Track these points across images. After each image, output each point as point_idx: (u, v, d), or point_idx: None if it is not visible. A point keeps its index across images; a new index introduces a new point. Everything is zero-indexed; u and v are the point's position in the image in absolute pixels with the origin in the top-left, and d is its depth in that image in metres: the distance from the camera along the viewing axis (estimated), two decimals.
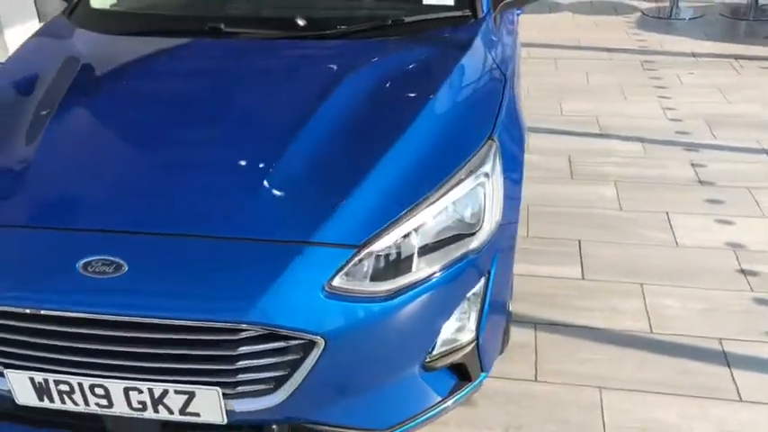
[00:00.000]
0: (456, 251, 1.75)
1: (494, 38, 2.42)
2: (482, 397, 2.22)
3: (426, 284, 1.69)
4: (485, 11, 2.47)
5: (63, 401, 1.67)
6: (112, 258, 1.59)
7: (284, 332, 1.55)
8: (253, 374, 1.60)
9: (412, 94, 2.03)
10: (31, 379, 1.66)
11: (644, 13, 6.74)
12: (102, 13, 2.64)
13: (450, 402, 1.86)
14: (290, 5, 2.56)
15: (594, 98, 4.67)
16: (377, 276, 1.65)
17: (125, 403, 1.65)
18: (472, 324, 1.84)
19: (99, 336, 1.58)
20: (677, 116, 4.34)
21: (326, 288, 1.59)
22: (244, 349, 1.56)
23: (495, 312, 1.93)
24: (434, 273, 1.70)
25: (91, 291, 1.57)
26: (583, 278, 2.82)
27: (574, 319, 2.58)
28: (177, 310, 1.54)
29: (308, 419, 1.71)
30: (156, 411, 1.65)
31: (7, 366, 1.67)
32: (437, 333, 1.77)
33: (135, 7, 2.80)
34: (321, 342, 1.57)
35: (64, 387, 1.65)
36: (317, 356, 1.58)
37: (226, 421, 1.65)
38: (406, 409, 1.80)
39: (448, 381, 1.88)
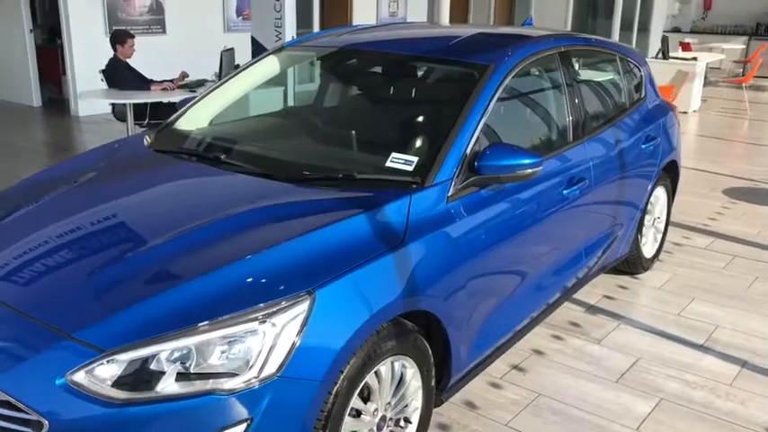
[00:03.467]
0: (208, 385, 1.85)
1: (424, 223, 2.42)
2: None
3: (165, 404, 1.82)
4: (437, 182, 2.51)
5: None
6: None
7: (18, 404, 1.82)
8: None
9: (262, 237, 2.20)
10: None
11: None
12: (169, 132, 3.27)
13: None
14: (278, 147, 2.91)
15: (735, 307, 4.02)
16: (120, 383, 1.84)
17: None
18: None
19: None
20: None
21: (67, 379, 1.83)
22: None
23: None
24: (177, 397, 1.83)
25: None
26: None
27: None
28: None
29: None
30: None
31: None
32: None
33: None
34: (46, 424, 1.80)
35: None
36: None
37: None
38: None
39: None
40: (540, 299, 3.19)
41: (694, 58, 10.96)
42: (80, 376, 1.84)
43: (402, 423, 2.43)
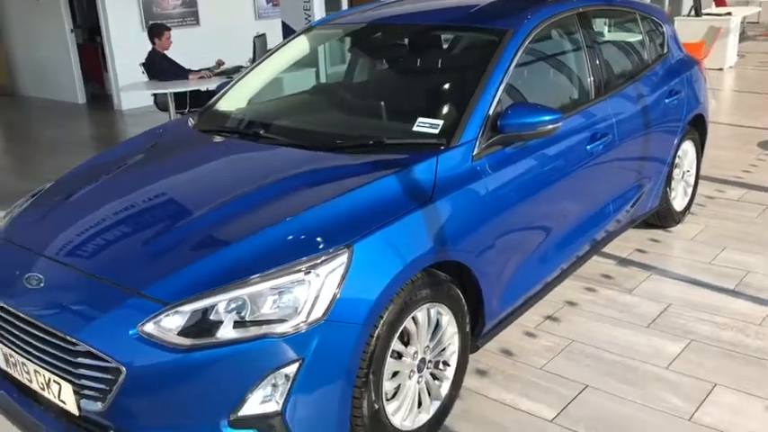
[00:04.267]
0: (262, 330, 2.07)
1: (457, 178, 2.60)
2: None
3: (224, 349, 2.05)
4: (462, 142, 2.68)
5: (14, 371, 2.42)
6: (40, 276, 2.32)
7: (98, 353, 2.07)
8: (88, 381, 2.14)
9: (303, 200, 2.40)
10: (1, 349, 2.45)
11: None
12: (212, 113, 3.50)
13: None
14: (312, 120, 3.12)
15: (767, 253, 4.10)
16: (185, 332, 2.07)
17: (36, 382, 2.33)
18: (279, 398, 2.10)
19: (22, 327, 2.30)
20: None
21: (139, 329, 2.07)
22: (81, 359, 2.13)
23: (314, 395, 2.14)
24: (235, 341, 2.06)
25: (23, 295, 2.31)
26: (552, 421, 2.70)
27: None
28: (51, 318, 2.19)
29: None
30: (48, 393, 2.29)
31: None
32: (240, 396, 2.08)
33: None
34: (124, 370, 2.05)
35: (12, 360, 2.40)
36: (122, 381, 2.06)
37: (78, 414, 2.21)
38: None
39: None
40: (569, 251, 3.34)
41: (728, 14, 10.79)
42: (150, 327, 2.07)
43: (441, 366, 2.63)
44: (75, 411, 2.21)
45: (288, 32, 7.55)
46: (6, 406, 2.47)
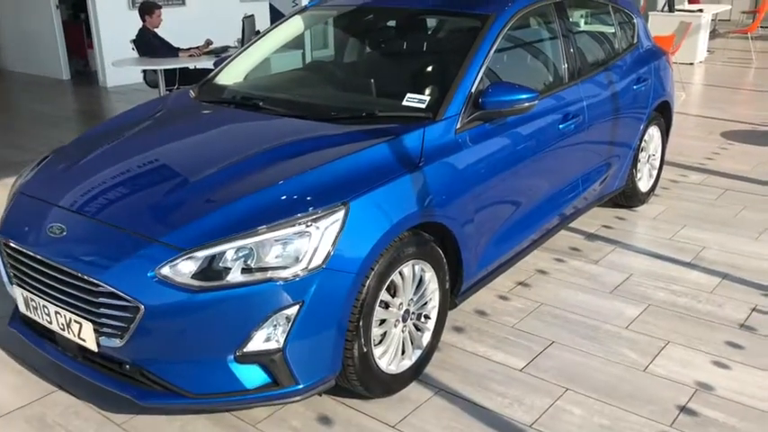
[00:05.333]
0: (266, 275, 2.32)
1: (441, 147, 2.88)
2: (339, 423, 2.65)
3: (232, 290, 2.30)
4: (446, 116, 2.95)
5: (34, 314, 2.65)
6: (62, 225, 2.55)
7: (119, 293, 2.31)
8: (107, 320, 2.38)
9: (304, 162, 2.66)
10: (22, 294, 2.67)
11: None
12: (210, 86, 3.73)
13: (253, 395, 2.40)
14: (308, 94, 3.37)
15: (722, 231, 4.45)
16: (198, 275, 2.32)
17: (56, 323, 2.56)
18: (280, 337, 2.36)
19: (45, 272, 2.53)
20: None
21: (156, 272, 2.31)
22: (102, 299, 2.36)
23: (311, 335, 2.40)
24: (242, 284, 2.31)
25: (48, 244, 2.54)
26: (521, 370, 2.99)
27: (475, 397, 2.81)
28: (74, 263, 2.42)
29: (146, 368, 2.42)
30: (69, 333, 2.52)
31: (18, 285, 2.71)
32: (245, 334, 2.34)
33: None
34: (142, 308, 2.29)
35: (33, 304, 2.63)
36: (140, 318, 2.30)
37: (97, 350, 2.45)
38: (215, 384, 2.39)
39: (259, 378, 2.41)
40: (540, 222, 3.63)
41: (700, 10, 11.18)
42: (166, 270, 2.32)
43: (423, 319, 2.90)
44: (95, 348, 2.45)
45: (276, 15, 7.75)
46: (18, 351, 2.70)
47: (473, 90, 3.06)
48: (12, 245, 2.66)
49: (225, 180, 2.61)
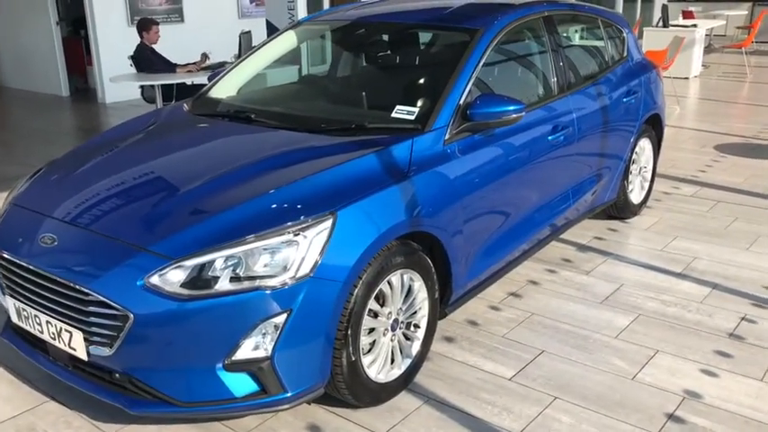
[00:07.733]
0: (255, 283, 2.35)
1: (429, 159, 2.91)
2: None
3: (221, 299, 2.33)
4: (435, 128, 2.99)
5: (26, 324, 2.68)
6: (53, 235, 2.58)
7: (109, 302, 2.34)
8: (97, 329, 2.41)
9: (293, 172, 2.69)
10: (14, 304, 2.70)
11: None
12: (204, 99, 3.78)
13: (241, 403, 2.42)
14: (300, 107, 3.41)
15: (713, 242, 4.47)
16: (187, 284, 2.34)
17: (47, 332, 2.58)
18: (268, 345, 2.38)
19: (36, 281, 2.55)
20: None
21: (146, 281, 2.34)
22: (92, 308, 2.39)
23: (300, 343, 2.42)
24: (230, 293, 2.33)
25: (39, 253, 2.57)
26: (510, 379, 3.01)
27: (465, 406, 2.82)
28: (64, 272, 2.45)
29: (135, 377, 2.44)
30: (59, 342, 2.55)
31: (10, 295, 2.74)
32: (234, 342, 2.36)
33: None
34: (131, 317, 2.32)
35: (25, 314, 2.66)
36: (129, 327, 2.33)
37: (87, 359, 2.47)
38: (204, 393, 2.41)
39: (248, 386, 2.43)
40: (530, 233, 3.66)
41: (694, 26, 11.28)
42: (155, 279, 2.34)
43: (412, 328, 2.93)
44: (85, 357, 2.47)
45: (272, 31, 7.83)
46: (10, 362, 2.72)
47: (461, 102, 3.10)
48: (4, 255, 2.69)
49: (214, 190, 2.65)
